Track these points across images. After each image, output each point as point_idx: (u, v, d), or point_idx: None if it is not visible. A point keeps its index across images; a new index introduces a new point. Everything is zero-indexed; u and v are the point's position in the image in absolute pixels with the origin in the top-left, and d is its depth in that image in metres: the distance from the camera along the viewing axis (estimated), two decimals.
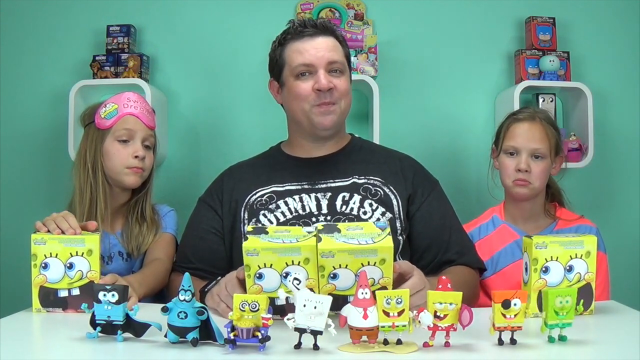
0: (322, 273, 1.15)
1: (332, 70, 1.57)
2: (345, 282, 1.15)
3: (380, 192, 1.57)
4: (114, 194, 1.73)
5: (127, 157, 1.68)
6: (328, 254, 1.13)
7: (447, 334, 1.01)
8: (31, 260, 1.31)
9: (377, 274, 1.14)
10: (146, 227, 1.71)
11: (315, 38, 1.58)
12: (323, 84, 1.54)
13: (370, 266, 1.13)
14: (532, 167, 1.80)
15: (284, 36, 1.62)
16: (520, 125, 1.84)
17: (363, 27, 2.37)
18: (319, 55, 1.56)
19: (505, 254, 1.81)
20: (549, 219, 1.87)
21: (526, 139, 1.81)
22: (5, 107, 2.44)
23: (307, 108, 1.58)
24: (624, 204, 2.46)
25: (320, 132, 1.61)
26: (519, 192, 1.82)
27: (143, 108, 1.74)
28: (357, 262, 1.13)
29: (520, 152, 1.81)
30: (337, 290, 1.15)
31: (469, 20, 2.46)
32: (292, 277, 1.06)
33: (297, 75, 1.57)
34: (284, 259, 1.15)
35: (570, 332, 1.05)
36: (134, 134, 1.70)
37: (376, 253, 1.13)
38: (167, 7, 2.46)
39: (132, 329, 1.06)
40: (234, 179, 1.67)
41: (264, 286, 1.16)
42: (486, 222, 1.90)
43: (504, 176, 1.86)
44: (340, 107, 1.60)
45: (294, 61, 1.58)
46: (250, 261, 1.15)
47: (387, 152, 1.74)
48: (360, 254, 1.13)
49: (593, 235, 1.29)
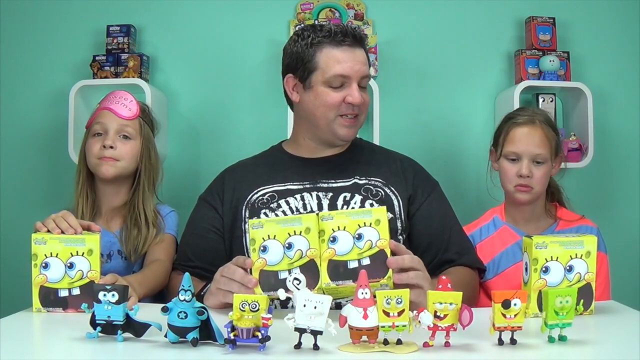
0: (322, 238, 1.23)
1: (360, 84, 1.57)
2: (344, 245, 1.23)
3: (381, 193, 1.58)
4: (109, 192, 1.75)
5: (97, 149, 1.70)
6: (327, 217, 1.24)
7: (447, 334, 1.01)
8: (31, 260, 1.31)
9: (374, 235, 1.23)
10: (145, 229, 1.69)
11: (354, 49, 1.56)
12: (357, 99, 1.55)
13: (366, 227, 1.23)
14: (534, 172, 1.78)
15: (317, 37, 1.57)
16: (520, 130, 1.81)
17: (363, 27, 2.37)
18: (356, 68, 1.55)
19: (506, 255, 1.80)
20: (550, 220, 1.86)
21: (527, 144, 1.79)
22: (5, 107, 2.44)
23: (331, 117, 1.57)
24: (624, 204, 2.46)
25: (339, 142, 1.63)
26: (521, 198, 1.81)
27: (122, 101, 1.74)
28: (354, 223, 1.23)
29: (522, 158, 1.79)
30: (336, 256, 1.23)
31: (469, 20, 2.46)
32: (292, 277, 1.06)
33: (330, 84, 1.56)
34: (287, 230, 1.23)
35: (570, 332, 1.05)
36: (106, 126, 1.71)
37: (371, 214, 1.24)
38: (167, 7, 2.46)
39: (132, 329, 1.06)
40: (235, 177, 1.67)
41: (267, 259, 1.22)
42: (487, 223, 1.88)
43: (505, 181, 1.84)
44: (361, 119, 1.62)
45: (330, 69, 1.55)
46: (255, 234, 1.24)
47: (388, 153, 1.74)
48: (356, 215, 1.24)
49: (593, 235, 1.29)
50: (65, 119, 2.27)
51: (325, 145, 1.65)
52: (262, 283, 1.22)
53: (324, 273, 1.22)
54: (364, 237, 1.23)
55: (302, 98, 1.61)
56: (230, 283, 1.26)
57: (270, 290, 1.19)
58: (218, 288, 1.29)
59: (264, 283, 1.22)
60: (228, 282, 1.26)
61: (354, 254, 1.22)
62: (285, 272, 1.22)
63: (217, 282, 1.29)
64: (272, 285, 1.20)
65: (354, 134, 1.63)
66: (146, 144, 1.77)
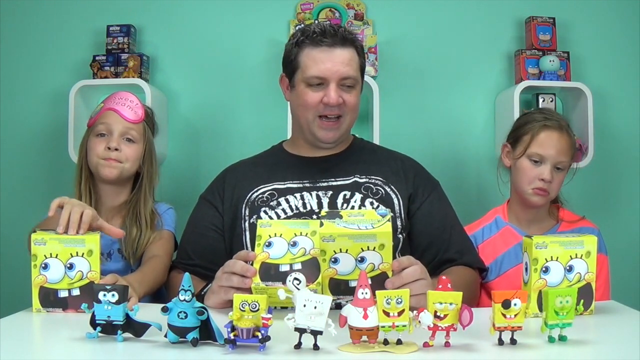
0: (324, 257, 1.19)
1: (343, 84, 1.56)
2: (345, 266, 1.19)
3: (382, 191, 1.57)
4: (109, 192, 1.75)
5: (101, 150, 1.70)
6: (329, 238, 1.17)
7: (447, 334, 1.01)
8: (31, 261, 1.31)
9: (376, 259, 1.19)
10: (144, 230, 1.69)
11: (333, 49, 1.54)
12: (332, 100, 1.53)
13: (370, 251, 1.19)
14: (554, 177, 1.78)
15: (302, 37, 1.57)
16: (550, 134, 1.78)
17: (363, 27, 2.37)
18: (334, 69, 1.53)
19: (509, 256, 1.79)
20: (552, 221, 1.86)
21: (555, 150, 1.77)
22: (5, 107, 2.44)
23: (310, 118, 1.58)
24: (624, 204, 2.46)
25: (320, 145, 1.63)
26: (537, 201, 1.80)
27: (127, 103, 1.74)
28: (357, 246, 1.18)
29: (546, 162, 1.77)
30: (338, 275, 1.20)
31: (469, 20, 2.46)
32: (292, 277, 1.06)
33: (308, 84, 1.56)
34: (294, 230, 1.24)
35: (570, 332, 1.04)
36: (111, 127, 1.71)
37: (375, 238, 1.18)
38: (167, 7, 2.46)
39: (132, 329, 1.06)
40: (235, 176, 1.67)
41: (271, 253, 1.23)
42: (489, 223, 1.88)
43: (523, 182, 1.80)
44: (345, 121, 1.59)
45: (307, 69, 1.55)
46: (263, 231, 1.25)
47: (388, 152, 1.74)
48: (359, 238, 1.18)
49: (593, 235, 1.29)
50: (65, 119, 2.27)
51: (313, 146, 1.65)
52: (261, 274, 1.22)
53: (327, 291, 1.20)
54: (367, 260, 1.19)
55: (290, 97, 1.64)
56: (231, 277, 1.25)
57: (268, 281, 1.19)
58: (220, 285, 1.28)
59: (264, 274, 1.21)
60: (229, 277, 1.26)
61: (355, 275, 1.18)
62: (286, 266, 1.21)
63: (219, 280, 1.29)
64: (271, 276, 1.20)
65: (335, 137, 1.60)
66: (149, 148, 1.78)
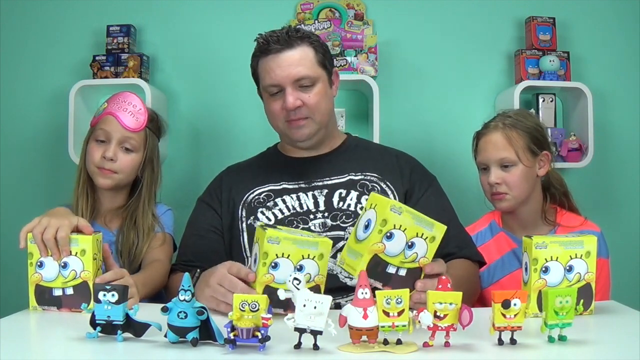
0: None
1: (301, 85, 1.55)
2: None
3: (377, 188, 1.58)
4: (108, 196, 1.73)
5: (98, 157, 1.67)
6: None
7: (447, 334, 1.01)
8: (27, 259, 1.31)
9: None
10: (141, 238, 1.67)
11: (281, 54, 1.55)
12: (289, 104, 1.54)
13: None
14: (505, 177, 1.77)
15: (256, 49, 1.61)
16: (484, 139, 1.82)
17: (363, 27, 2.37)
18: (284, 74, 1.54)
19: (501, 264, 1.77)
20: (547, 226, 1.82)
21: (490, 151, 1.79)
22: (5, 107, 2.44)
23: (280, 125, 1.61)
24: (624, 204, 2.46)
25: (299, 145, 1.64)
26: (500, 206, 1.80)
27: (130, 108, 1.69)
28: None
29: (489, 166, 1.80)
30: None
31: (469, 20, 2.46)
32: (292, 277, 1.06)
33: (269, 93, 1.58)
34: (302, 252, 1.20)
35: (570, 332, 1.04)
36: (109, 135, 1.67)
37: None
38: (167, 7, 2.46)
39: (132, 329, 1.06)
40: (232, 178, 1.68)
41: (276, 276, 1.19)
42: (484, 228, 1.86)
43: (485, 193, 1.85)
44: (314, 120, 1.58)
45: (263, 80, 1.59)
46: (270, 248, 1.19)
47: (383, 148, 1.75)
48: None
49: (593, 235, 1.28)
50: (65, 119, 2.27)
51: (296, 148, 1.66)
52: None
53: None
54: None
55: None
56: (228, 295, 1.22)
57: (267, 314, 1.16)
58: (212, 296, 1.25)
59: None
60: (226, 293, 1.23)
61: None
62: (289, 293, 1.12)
63: (214, 291, 1.25)
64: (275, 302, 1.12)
65: (309, 133, 1.60)
66: (150, 156, 1.73)
